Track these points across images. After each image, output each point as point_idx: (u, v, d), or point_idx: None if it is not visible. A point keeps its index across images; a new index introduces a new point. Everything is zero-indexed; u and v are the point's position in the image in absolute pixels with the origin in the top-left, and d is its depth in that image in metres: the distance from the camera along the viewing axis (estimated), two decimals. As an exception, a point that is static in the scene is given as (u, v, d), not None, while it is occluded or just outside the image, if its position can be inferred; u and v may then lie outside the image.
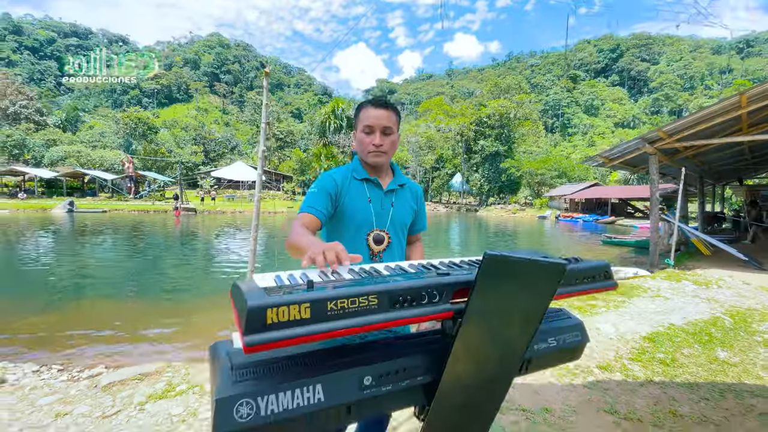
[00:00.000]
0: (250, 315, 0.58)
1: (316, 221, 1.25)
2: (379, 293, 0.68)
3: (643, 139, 7.89)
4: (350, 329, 0.65)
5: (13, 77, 54.00)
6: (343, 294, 0.65)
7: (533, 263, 0.66)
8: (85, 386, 2.52)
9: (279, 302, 0.60)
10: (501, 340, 0.79)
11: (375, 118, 1.31)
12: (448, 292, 0.76)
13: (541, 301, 0.72)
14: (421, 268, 0.93)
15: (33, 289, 6.79)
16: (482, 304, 0.74)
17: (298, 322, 0.61)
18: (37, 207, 26.19)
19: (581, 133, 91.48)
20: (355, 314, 0.66)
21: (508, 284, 0.72)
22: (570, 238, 19.51)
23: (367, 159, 1.36)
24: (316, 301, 0.63)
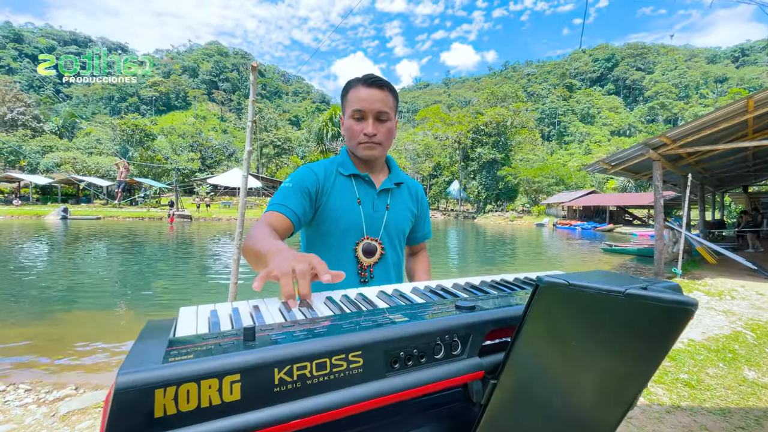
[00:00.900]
0: (119, 402, 0.33)
1: (286, 223, 0.96)
2: (365, 346, 0.43)
3: (646, 145, 7.69)
4: (313, 417, 0.39)
5: (12, 84, 53.82)
6: (305, 352, 0.40)
7: (632, 300, 0.42)
8: (43, 414, 2.22)
9: (181, 375, 0.35)
10: (565, 417, 0.51)
11: (367, 100, 1.02)
12: (476, 337, 0.50)
13: (646, 362, 0.45)
14: (430, 295, 0.66)
15: (17, 299, 6.46)
16: (534, 360, 0.47)
17: (218, 410, 0.36)
18: (32, 213, 25.80)
19: (578, 141, 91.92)
20: (325, 387, 0.41)
21: (584, 330, 0.46)
22: (570, 246, 19.27)
23: (357, 151, 1.08)
24: (252, 368, 0.38)
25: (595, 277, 0.45)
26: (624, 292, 0.42)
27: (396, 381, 0.44)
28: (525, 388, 0.49)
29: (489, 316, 0.51)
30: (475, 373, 0.48)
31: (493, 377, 0.49)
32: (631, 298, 0.42)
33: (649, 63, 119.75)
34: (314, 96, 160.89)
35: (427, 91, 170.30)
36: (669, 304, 0.42)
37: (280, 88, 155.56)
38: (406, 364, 0.45)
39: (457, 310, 0.53)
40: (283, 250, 0.69)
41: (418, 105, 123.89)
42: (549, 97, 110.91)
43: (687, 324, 0.44)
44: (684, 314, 0.43)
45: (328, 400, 0.40)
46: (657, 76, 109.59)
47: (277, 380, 0.38)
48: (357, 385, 0.41)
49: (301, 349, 0.40)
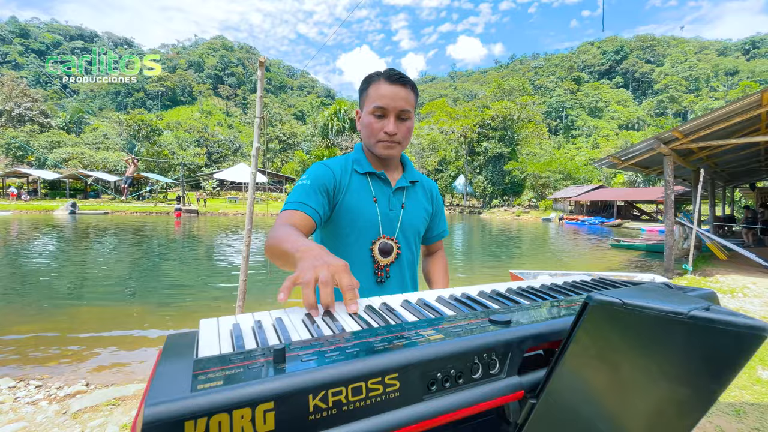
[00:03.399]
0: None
1: (309, 222, 0.93)
2: (402, 368, 0.40)
3: (657, 140, 7.57)
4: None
5: (19, 80, 54.22)
6: (341, 376, 0.38)
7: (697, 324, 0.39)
8: (54, 412, 2.24)
9: (212, 405, 0.33)
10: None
11: (390, 98, 0.98)
12: (514, 354, 0.47)
13: (707, 391, 0.44)
14: (458, 306, 0.63)
15: (27, 294, 6.54)
16: (578, 381, 0.45)
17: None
18: (40, 208, 26.11)
19: (585, 135, 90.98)
20: (362, 414, 0.38)
21: (637, 352, 0.42)
22: (577, 241, 19.13)
23: (375, 149, 1.04)
24: (287, 395, 0.35)
25: (651, 295, 0.42)
26: (687, 314, 0.38)
27: (434, 404, 0.41)
28: (567, 411, 0.46)
29: (527, 331, 0.48)
30: (514, 394, 0.46)
31: (532, 396, 0.47)
32: (695, 320, 0.38)
33: (658, 55, 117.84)
34: (319, 90, 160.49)
35: (432, 84, 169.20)
36: (738, 329, 0.38)
37: (285, 83, 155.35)
38: (444, 385, 0.42)
39: (492, 325, 0.50)
40: (311, 249, 0.67)
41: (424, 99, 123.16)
42: (556, 90, 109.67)
43: (757, 350, 0.40)
44: (756, 340, 0.39)
45: (365, 426, 0.37)
46: (666, 68, 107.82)
47: (311, 407, 0.36)
48: (394, 410, 0.39)
49: (335, 373, 0.37)
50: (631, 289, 0.46)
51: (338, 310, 0.60)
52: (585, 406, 0.47)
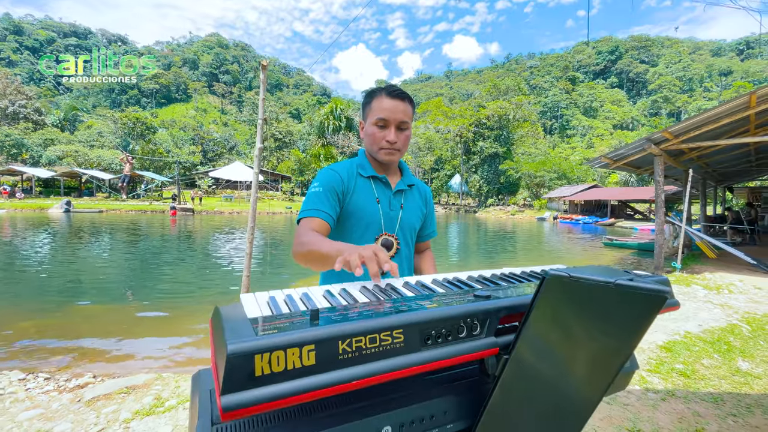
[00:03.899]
0: (231, 364, 0.42)
1: (326, 226, 1.07)
2: (406, 326, 0.52)
3: (648, 140, 7.74)
4: (371, 378, 0.48)
5: (13, 77, 53.68)
6: (361, 329, 0.49)
7: (621, 290, 0.49)
8: (68, 400, 2.34)
9: (273, 344, 0.44)
10: (562, 388, 0.62)
11: (391, 111, 1.12)
12: (492, 320, 0.60)
13: (627, 341, 0.55)
14: (450, 286, 0.76)
15: (25, 292, 6.60)
16: (539, 340, 0.57)
17: (300, 372, 0.45)
18: (35, 206, 25.96)
19: (580, 134, 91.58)
20: (377, 356, 0.49)
21: (580, 315, 0.55)
22: (571, 240, 19.36)
23: (378, 156, 1.18)
24: (323, 340, 0.46)
25: (591, 271, 0.54)
26: (614, 282, 0.50)
27: (429, 354, 0.53)
28: (532, 363, 0.59)
29: (502, 303, 0.61)
30: (491, 350, 0.58)
31: (506, 353, 0.60)
32: (619, 287, 0.50)
33: (653, 56, 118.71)
34: (315, 89, 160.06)
35: (428, 83, 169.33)
36: (649, 292, 0.49)
37: (281, 81, 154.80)
38: (437, 341, 0.55)
39: (475, 299, 0.63)
40: (347, 246, 0.85)
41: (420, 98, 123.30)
42: (551, 90, 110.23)
43: (661, 308, 0.51)
44: (660, 300, 0.50)
45: (378, 366, 0.49)
46: (661, 68, 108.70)
47: (340, 350, 0.47)
48: (399, 356, 0.51)
49: (357, 327, 0.49)
50: (579, 267, 0.59)
51: (352, 290, 0.72)
52: (545, 359, 0.59)
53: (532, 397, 0.63)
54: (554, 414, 0.64)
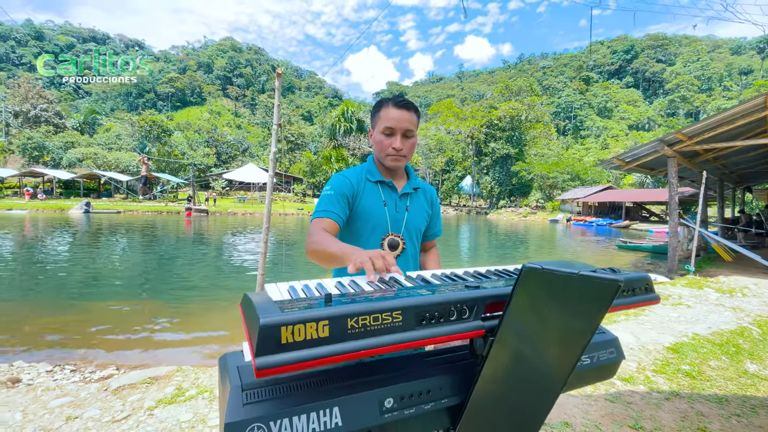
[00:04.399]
0: (263, 334, 0.52)
1: (335, 226, 1.18)
2: (404, 309, 0.62)
3: (661, 142, 7.68)
4: (373, 350, 0.58)
5: (35, 81, 55.48)
6: (366, 310, 0.59)
7: (583, 279, 0.58)
8: (96, 389, 2.50)
9: (295, 319, 0.54)
10: (538, 364, 0.71)
11: (397, 120, 1.22)
12: (479, 307, 0.69)
13: (589, 322, 0.64)
14: (446, 279, 0.86)
15: (47, 290, 6.88)
16: (519, 323, 0.66)
17: (316, 342, 0.55)
18: (55, 207, 26.79)
19: (594, 135, 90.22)
20: (379, 333, 0.60)
21: (551, 301, 0.64)
22: (584, 242, 19.16)
23: (385, 162, 1.28)
24: (335, 317, 0.57)
25: (563, 264, 0.63)
26: (578, 273, 0.59)
27: (423, 332, 0.63)
28: (513, 343, 0.68)
29: (489, 292, 0.70)
30: (477, 331, 0.68)
31: (492, 335, 0.69)
32: (581, 277, 0.59)
33: (670, 54, 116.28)
34: (327, 91, 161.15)
35: (440, 84, 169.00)
36: (604, 281, 0.57)
37: (294, 84, 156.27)
38: (430, 322, 0.64)
39: (466, 288, 0.72)
40: (354, 249, 0.94)
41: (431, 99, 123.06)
42: (565, 90, 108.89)
43: (616, 295, 0.60)
44: (614, 288, 0.58)
45: (380, 340, 0.59)
46: (678, 67, 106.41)
47: (349, 326, 0.57)
48: (398, 333, 0.61)
49: (364, 308, 0.59)
50: (554, 261, 0.68)
51: (360, 282, 0.82)
52: (525, 339, 0.68)
53: (515, 373, 0.72)
54: (533, 387, 0.73)
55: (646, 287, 0.95)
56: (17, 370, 3.00)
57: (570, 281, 0.60)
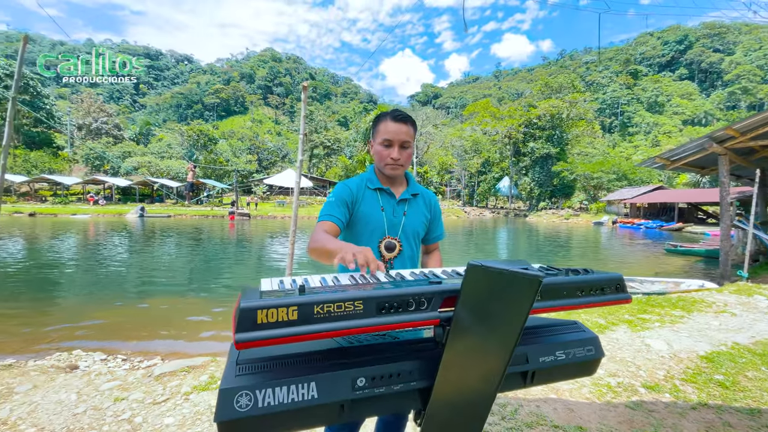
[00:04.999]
0: (242, 315, 0.65)
1: (335, 228, 1.31)
2: (365, 299, 0.73)
3: (710, 138, 7.20)
4: (335, 332, 0.70)
5: (96, 97, 60.71)
6: (329, 299, 0.70)
7: (509, 275, 0.67)
8: (141, 375, 2.79)
9: (269, 305, 0.66)
10: (483, 352, 0.79)
11: (394, 132, 1.33)
12: (436, 299, 0.79)
13: (518, 315, 0.71)
14: (420, 276, 0.96)
15: (106, 286, 7.58)
16: (466, 315, 0.75)
17: (286, 324, 0.67)
18: (114, 212, 29.14)
19: (644, 132, 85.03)
20: (341, 318, 0.71)
21: (489, 295, 0.73)
22: (628, 246, 18.16)
23: (384, 171, 1.40)
24: (303, 304, 0.68)
25: (507, 263, 0.71)
26: (508, 270, 0.67)
27: (382, 319, 0.73)
28: (464, 333, 0.77)
29: (447, 287, 0.79)
30: (432, 320, 0.77)
31: (448, 325, 0.78)
32: (509, 272, 0.67)
33: (728, 43, 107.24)
34: (362, 96, 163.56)
35: (476, 85, 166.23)
36: (527, 277, 0.65)
37: (330, 90, 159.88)
38: (390, 311, 0.74)
39: (429, 284, 0.82)
40: (347, 246, 1.05)
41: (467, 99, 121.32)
42: (610, 85, 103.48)
43: (537, 290, 0.67)
44: (536, 283, 0.66)
45: (341, 324, 0.70)
46: (738, 57, 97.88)
47: (315, 312, 0.69)
48: (358, 319, 0.71)
49: (328, 297, 0.70)
50: (497, 260, 0.76)
51: (342, 276, 0.94)
52: (472, 329, 0.77)
53: (467, 359, 0.81)
54: (481, 373, 0.81)
55: (617, 287, 0.99)
56: (75, 357, 3.39)
57: (501, 277, 0.68)
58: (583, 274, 0.99)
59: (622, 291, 1.01)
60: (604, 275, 0.99)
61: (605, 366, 2.85)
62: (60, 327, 5.01)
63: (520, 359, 0.98)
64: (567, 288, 0.91)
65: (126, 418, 2.12)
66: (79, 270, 9.10)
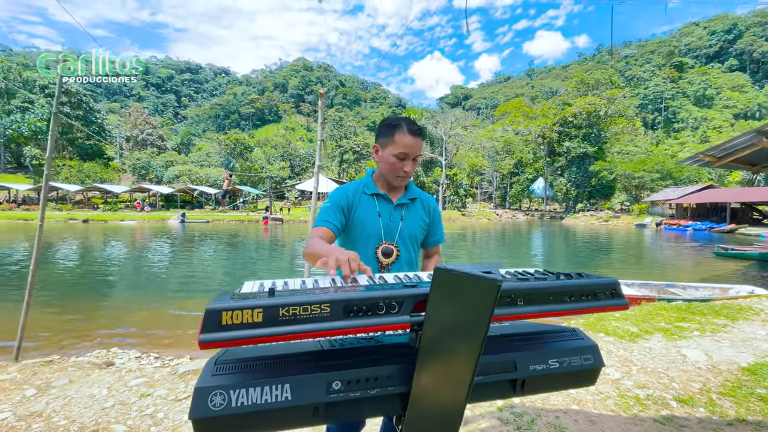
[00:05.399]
0: (207, 316, 0.67)
1: (330, 234, 1.32)
2: (332, 302, 0.72)
3: (759, 133, 6.65)
4: (300, 334, 0.70)
5: (142, 110, 64.80)
6: (295, 302, 0.71)
7: (469, 278, 0.65)
8: (167, 373, 2.92)
9: (234, 306, 0.68)
10: (452, 358, 0.77)
11: (411, 147, 1.34)
12: (408, 303, 0.77)
13: (481, 320, 0.69)
14: (399, 280, 0.95)
15: (148, 287, 8.02)
16: (434, 319, 0.74)
17: (251, 325, 0.68)
18: (158, 218, 30.85)
19: (691, 127, 79.87)
20: (307, 321, 0.71)
21: (454, 299, 0.71)
22: (673, 249, 17.06)
23: (394, 182, 1.41)
24: (268, 307, 0.69)
25: (469, 267, 0.70)
26: (471, 273, 0.65)
27: (349, 323, 0.73)
28: (434, 337, 0.76)
29: (420, 291, 0.78)
30: (403, 324, 0.76)
31: (420, 329, 0.77)
32: (470, 276, 0.65)
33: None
34: (391, 101, 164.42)
35: (507, 84, 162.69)
36: (487, 281, 0.63)
37: (359, 96, 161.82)
38: (358, 314, 0.74)
39: (403, 287, 0.81)
40: (333, 250, 1.07)
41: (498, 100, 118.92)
42: (653, 80, 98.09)
43: (498, 291, 0.64)
44: (495, 287, 0.63)
45: (307, 327, 0.70)
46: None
47: (280, 314, 0.69)
48: (325, 322, 0.71)
49: (294, 300, 0.71)
50: (465, 264, 0.74)
51: (322, 279, 0.95)
52: (441, 333, 0.75)
53: (437, 366, 0.79)
54: (452, 378, 0.79)
55: (612, 293, 0.94)
56: (112, 355, 3.60)
57: (464, 280, 0.66)
58: (576, 278, 0.95)
59: (617, 297, 0.95)
60: (597, 280, 0.93)
61: (634, 377, 2.68)
62: (104, 325, 5.37)
63: (508, 366, 0.94)
64: (553, 293, 0.88)
65: (149, 414, 2.24)
66: (126, 272, 9.70)
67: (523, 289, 0.85)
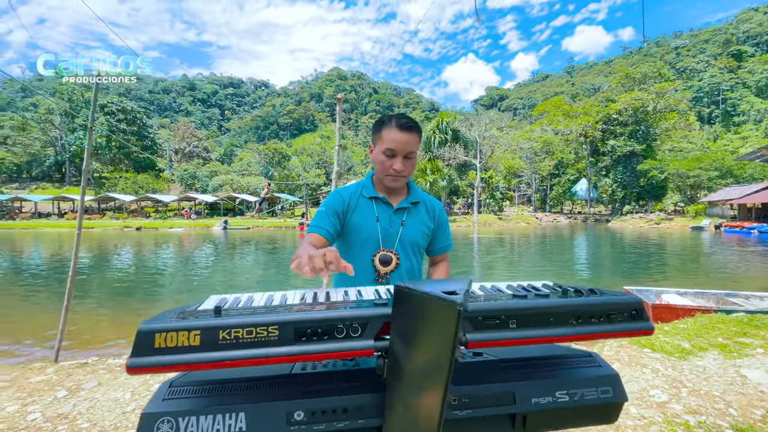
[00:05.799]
0: (138, 338, 0.60)
1: (323, 240, 1.22)
2: (281, 324, 0.64)
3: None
4: (241, 361, 0.62)
5: (189, 124, 68.87)
6: (238, 323, 0.62)
7: (427, 299, 0.53)
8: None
9: (169, 327, 0.61)
10: (419, 389, 0.65)
11: (399, 142, 1.22)
12: (373, 325, 0.67)
13: (444, 345, 0.56)
14: (377, 295, 0.84)
15: (195, 291, 8.38)
16: (398, 344, 0.63)
17: (186, 349, 0.60)
18: (203, 225, 32.48)
19: (753, 120, 73.07)
20: (250, 345, 0.62)
21: (416, 322, 0.59)
22: (736, 254, 15.54)
23: (384, 182, 1.30)
24: (207, 328, 0.61)
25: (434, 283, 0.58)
26: (430, 293, 0.55)
27: (301, 348, 0.63)
28: (399, 366, 0.64)
29: (383, 311, 0.67)
30: (366, 351, 0.65)
31: (386, 356, 0.66)
32: (429, 296, 0.55)
33: None
34: (423, 105, 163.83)
35: (546, 83, 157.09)
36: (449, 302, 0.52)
37: (393, 102, 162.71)
38: (312, 338, 0.64)
39: (373, 307, 0.71)
40: (307, 247, 1.00)
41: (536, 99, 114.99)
42: (708, 71, 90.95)
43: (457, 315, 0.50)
44: (453, 309, 0.51)
45: (250, 353, 0.61)
46: None
47: (221, 337, 0.61)
48: (271, 347, 0.63)
49: (237, 321, 0.62)
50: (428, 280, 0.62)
51: (291, 294, 0.87)
52: (406, 359, 0.63)
53: (409, 394, 0.66)
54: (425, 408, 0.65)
55: (633, 314, 0.77)
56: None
57: (423, 301, 0.55)
58: (587, 295, 0.80)
59: (639, 319, 0.78)
60: (614, 298, 0.77)
61: (684, 400, 2.38)
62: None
63: (504, 398, 0.81)
64: (555, 313, 0.73)
65: (166, 422, 2.25)
66: (173, 276, 10.22)
67: (515, 309, 0.72)
